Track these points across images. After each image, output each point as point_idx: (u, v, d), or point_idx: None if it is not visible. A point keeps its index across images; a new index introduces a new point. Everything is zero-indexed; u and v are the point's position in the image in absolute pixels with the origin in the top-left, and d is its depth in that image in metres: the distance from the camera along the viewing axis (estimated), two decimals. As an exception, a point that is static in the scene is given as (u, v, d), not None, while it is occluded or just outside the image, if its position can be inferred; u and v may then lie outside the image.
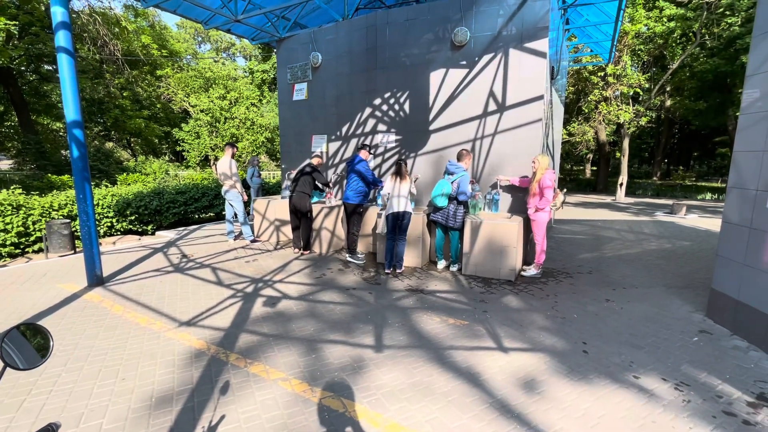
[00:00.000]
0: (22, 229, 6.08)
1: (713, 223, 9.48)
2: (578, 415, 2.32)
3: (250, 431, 2.16)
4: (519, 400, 2.45)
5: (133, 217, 7.66)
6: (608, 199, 16.53)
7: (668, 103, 19.22)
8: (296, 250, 6.12)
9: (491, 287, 4.54)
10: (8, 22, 12.07)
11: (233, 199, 6.55)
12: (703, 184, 21.86)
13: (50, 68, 15.90)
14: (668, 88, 18.45)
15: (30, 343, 0.99)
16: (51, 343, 1.04)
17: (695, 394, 2.52)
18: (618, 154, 17.21)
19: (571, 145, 18.95)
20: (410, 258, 5.39)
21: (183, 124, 19.79)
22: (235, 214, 6.75)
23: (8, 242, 5.94)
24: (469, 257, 4.96)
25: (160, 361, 2.89)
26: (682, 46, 15.57)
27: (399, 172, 4.95)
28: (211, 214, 9.39)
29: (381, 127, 6.34)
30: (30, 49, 13.93)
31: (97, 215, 7.04)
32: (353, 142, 6.69)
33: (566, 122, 17.39)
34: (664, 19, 14.16)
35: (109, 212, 7.35)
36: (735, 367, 2.86)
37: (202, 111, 18.87)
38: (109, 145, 20.40)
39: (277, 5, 6.12)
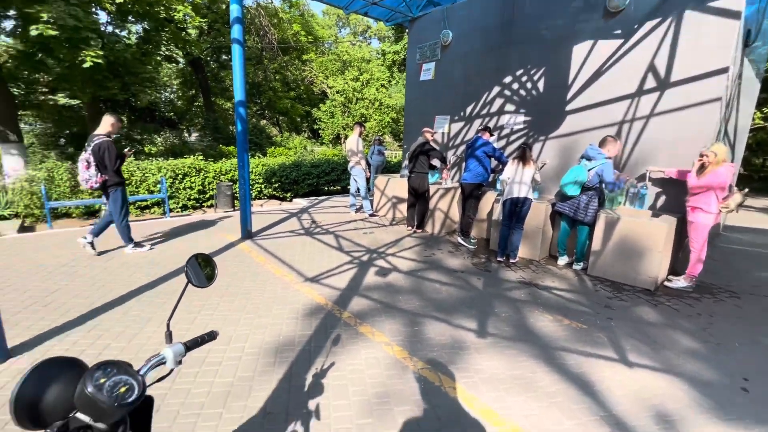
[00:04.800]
0: (201, 187, 7.70)
1: None
2: (721, 459, 1.91)
3: (353, 382, 2.40)
4: (639, 422, 2.13)
5: (276, 185, 8.94)
6: (817, 206, 12.43)
7: None
8: (409, 227, 6.32)
9: (622, 293, 3.97)
10: (201, 20, 14.97)
11: (357, 175, 7.07)
12: None
13: (226, 57, 19.28)
14: None
15: (202, 269, 1.29)
16: (215, 273, 1.33)
17: None
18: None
19: (767, 133, 14.67)
20: (526, 249, 5.05)
21: (321, 105, 21.93)
22: (358, 189, 7.28)
23: (192, 197, 7.61)
24: (599, 257, 4.40)
25: (288, 308, 3.39)
26: None
27: (522, 157, 4.61)
28: (338, 187, 10.31)
29: (509, 107, 5.96)
30: (214, 42, 17.09)
31: (250, 181, 8.43)
32: (476, 123, 6.46)
33: (762, 103, 13.44)
34: None
35: (260, 179, 8.72)
36: None
37: (337, 92, 20.56)
38: (263, 122, 23.92)
39: (413, -16, 6.16)
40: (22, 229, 5.76)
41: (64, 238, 5.21)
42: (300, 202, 8.65)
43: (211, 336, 1.18)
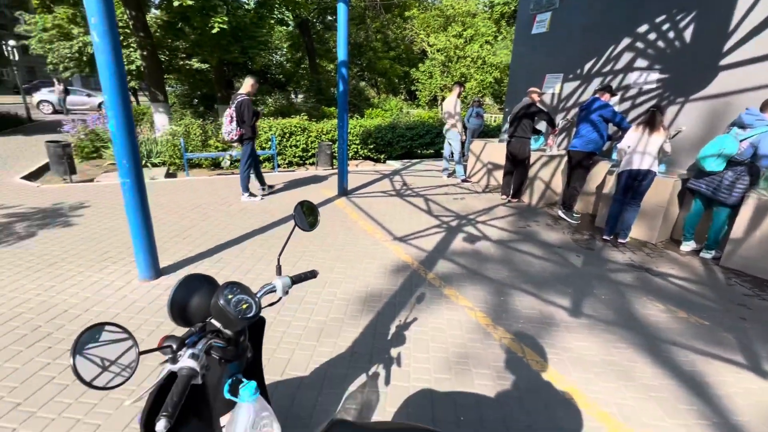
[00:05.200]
0: (304, 146, 8.30)
1: None
2: None
3: (434, 339, 2.47)
4: (767, 440, 1.82)
5: (372, 146, 9.18)
6: None
7: None
8: (504, 196, 6.01)
9: (765, 292, 3.29)
10: (310, -19, 15.43)
11: (452, 138, 6.85)
12: None
13: (331, 18, 19.74)
14: None
15: (306, 216, 1.42)
16: (318, 220, 1.45)
17: None
18: None
19: None
20: (641, 230, 4.44)
21: (419, 65, 21.36)
22: (452, 153, 7.09)
23: (297, 155, 8.27)
24: (738, 246, 3.67)
25: (376, 263, 3.58)
26: None
27: (651, 122, 3.93)
28: (431, 151, 10.17)
29: (639, 63, 5.06)
30: (320, 3, 17.57)
31: (348, 141, 8.79)
32: (595, 83, 5.66)
33: None
34: None
35: (356, 140, 9.04)
36: None
37: (438, 51, 19.72)
38: (362, 84, 24.36)
39: None
40: (168, 175, 6.96)
41: (196, 184, 6.18)
42: (393, 164, 8.80)
43: (313, 274, 1.31)
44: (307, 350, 2.33)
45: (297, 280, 1.23)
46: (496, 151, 6.65)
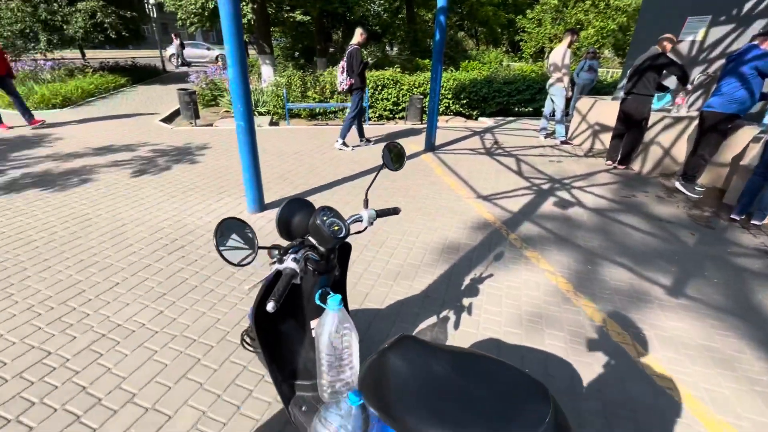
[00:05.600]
0: (395, 99, 8.30)
1: None
2: None
3: (508, 296, 2.48)
4: None
5: (464, 101, 8.79)
6: None
7: None
8: (609, 161, 5.38)
9: None
10: None
11: (556, 94, 6.20)
12: None
13: (434, -39, 18.49)
14: None
15: (391, 157, 1.49)
16: (404, 163, 1.52)
17: None
18: None
19: None
20: (786, 211, 3.67)
21: (527, 11, 19.16)
22: (553, 111, 6.47)
23: (387, 108, 8.33)
24: None
25: (457, 218, 3.59)
26: None
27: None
28: (530, 109, 9.38)
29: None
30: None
31: (440, 95, 8.53)
32: (755, 26, 4.54)
33: None
34: None
35: (449, 94, 8.72)
36: None
37: (552, -7, 17.37)
38: (460, 34, 22.86)
39: None
40: (271, 123, 7.62)
41: (296, 133, 6.68)
42: (485, 122, 8.37)
43: (395, 211, 1.41)
44: (384, 288, 2.53)
45: (381, 213, 1.34)
46: (607, 109, 5.89)
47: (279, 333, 1.35)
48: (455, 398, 0.84)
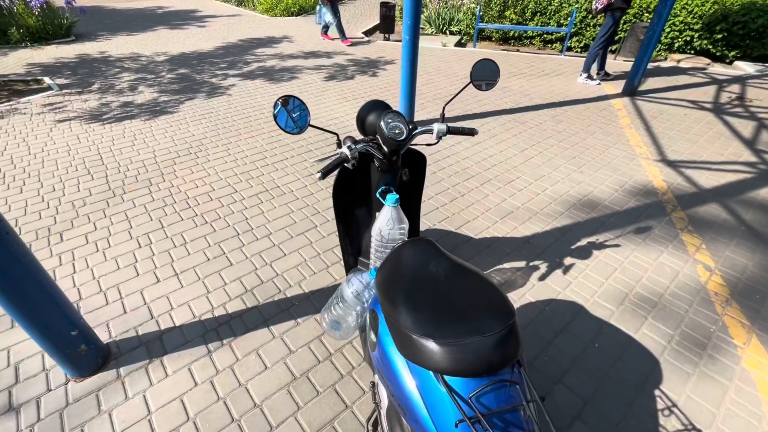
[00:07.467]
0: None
1: None
2: None
3: (623, 271, 2.13)
4: None
5: (720, 36, 6.44)
6: None
7: None
8: None
9: None
10: None
11: None
12: None
13: None
14: None
15: (485, 73, 1.41)
16: (495, 81, 1.43)
17: None
18: None
19: None
20: None
21: None
22: None
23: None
24: None
25: (615, 177, 3.04)
26: None
27: None
28: (838, 56, 6.21)
29: None
30: None
31: (678, 25, 6.47)
32: None
33: None
34: None
35: (696, 23, 6.51)
36: None
37: None
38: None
39: None
40: (458, 44, 7.42)
41: (477, 56, 6.39)
42: (743, 67, 6.05)
43: (471, 132, 1.41)
44: (487, 222, 2.52)
45: (454, 131, 1.37)
46: None
47: (353, 215, 1.64)
48: (434, 295, 0.96)
